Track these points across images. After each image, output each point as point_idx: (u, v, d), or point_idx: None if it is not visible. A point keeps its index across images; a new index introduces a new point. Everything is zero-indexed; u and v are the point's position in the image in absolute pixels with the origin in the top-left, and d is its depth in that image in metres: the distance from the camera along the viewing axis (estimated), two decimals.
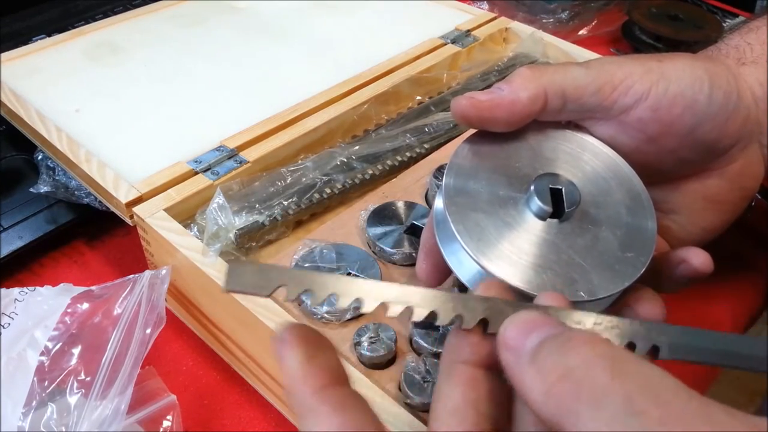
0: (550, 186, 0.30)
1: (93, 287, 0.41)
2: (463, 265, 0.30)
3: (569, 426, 0.19)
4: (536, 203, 0.30)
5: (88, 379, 0.36)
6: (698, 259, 0.31)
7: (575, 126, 0.34)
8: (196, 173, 0.46)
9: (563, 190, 0.30)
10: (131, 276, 0.40)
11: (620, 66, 0.33)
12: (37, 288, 0.41)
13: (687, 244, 0.33)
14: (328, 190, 0.47)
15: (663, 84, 0.32)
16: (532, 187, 0.30)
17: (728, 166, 0.34)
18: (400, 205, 0.44)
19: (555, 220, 0.30)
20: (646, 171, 0.33)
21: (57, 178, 0.50)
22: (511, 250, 0.29)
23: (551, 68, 0.33)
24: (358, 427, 0.21)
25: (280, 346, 0.23)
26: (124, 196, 0.43)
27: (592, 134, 0.34)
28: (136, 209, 0.43)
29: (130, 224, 0.44)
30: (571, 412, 0.18)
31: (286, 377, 0.22)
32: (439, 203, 0.32)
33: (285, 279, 0.23)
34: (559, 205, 0.30)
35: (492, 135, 0.33)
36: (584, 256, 0.29)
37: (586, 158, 0.33)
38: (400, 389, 0.35)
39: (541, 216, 0.30)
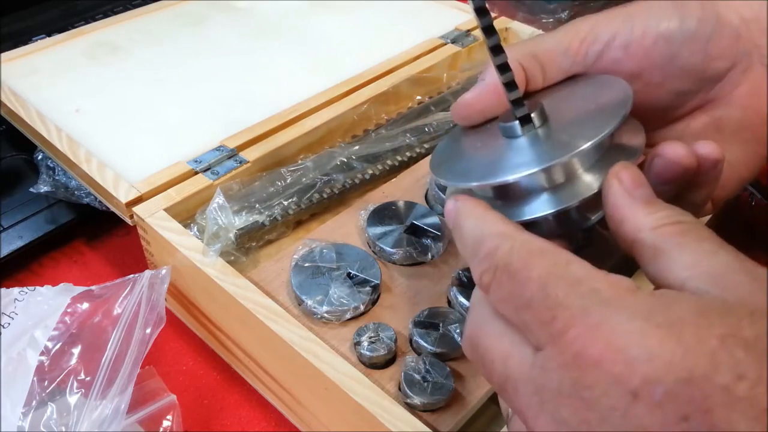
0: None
1: (93, 287, 0.41)
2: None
3: (674, 252, 0.22)
4: (501, 126, 0.29)
5: (88, 379, 0.36)
6: (672, 151, 0.29)
7: None
8: (196, 173, 0.46)
9: (524, 101, 0.29)
10: (131, 276, 0.40)
11: (586, 20, 0.33)
12: (37, 288, 0.41)
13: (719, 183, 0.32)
14: (328, 190, 0.47)
15: (628, 23, 0.32)
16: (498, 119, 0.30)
17: (733, 92, 0.33)
18: (400, 205, 0.44)
19: (533, 131, 0.29)
20: (648, 113, 0.33)
21: (57, 178, 0.50)
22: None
23: (522, 41, 0.34)
24: None
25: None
26: (124, 195, 0.43)
27: None
28: (136, 209, 0.43)
29: (130, 224, 0.44)
30: (679, 244, 0.23)
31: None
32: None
33: None
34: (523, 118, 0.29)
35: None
36: (565, 132, 0.28)
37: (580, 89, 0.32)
38: (399, 389, 0.35)
39: (508, 131, 0.29)
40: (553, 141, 0.28)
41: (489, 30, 0.27)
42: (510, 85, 0.28)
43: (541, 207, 0.28)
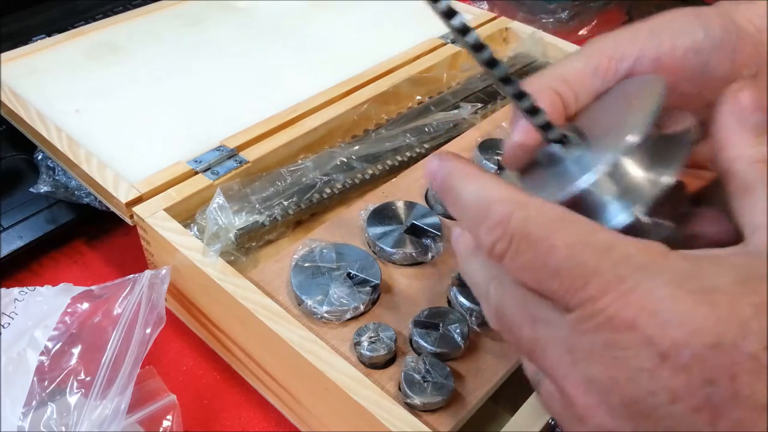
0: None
1: (93, 287, 0.41)
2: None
3: (761, 193, 0.22)
4: (542, 153, 0.29)
5: (88, 379, 0.36)
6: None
7: None
8: (196, 173, 0.46)
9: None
10: (131, 276, 0.40)
11: (605, 38, 0.33)
12: (37, 288, 0.41)
13: None
14: (328, 190, 0.47)
15: (654, 38, 0.32)
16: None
17: None
18: (400, 205, 0.44)
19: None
20: None
21: (57, 178, 0.50)
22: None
23: (549, 68, 0.33)
24: None
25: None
26: (124, 196, 0.43)
27: None
28: (136, 209, 0.43)
29: (130, 224, 0.44)
30: None
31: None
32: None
33: None
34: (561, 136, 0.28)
35: None
36: (609, 137, 0.28)
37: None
38: (399, 389, 0.35)
39: (552, 157, 0.29)
40: (599, 147, 0.28)
41: (491, 62, 0.25)
42: (533, 112, 0.27)
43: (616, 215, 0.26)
